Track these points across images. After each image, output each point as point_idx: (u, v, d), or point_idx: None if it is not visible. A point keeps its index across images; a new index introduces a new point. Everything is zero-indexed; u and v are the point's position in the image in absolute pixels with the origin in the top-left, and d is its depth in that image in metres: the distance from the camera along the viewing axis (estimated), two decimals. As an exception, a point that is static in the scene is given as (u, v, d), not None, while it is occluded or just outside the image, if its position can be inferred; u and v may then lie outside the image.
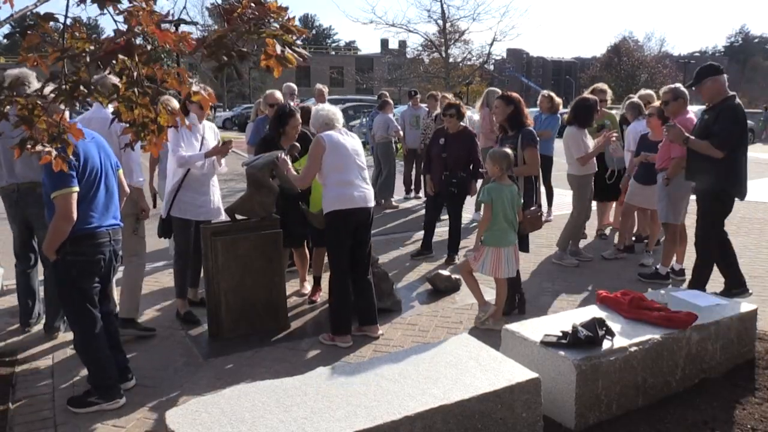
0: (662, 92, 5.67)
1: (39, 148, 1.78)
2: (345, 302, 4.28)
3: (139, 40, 1.77)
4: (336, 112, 4.43)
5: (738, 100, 4.82)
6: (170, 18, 1.80)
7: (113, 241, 3.44)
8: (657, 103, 6.17)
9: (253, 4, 1.82)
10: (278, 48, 1.83)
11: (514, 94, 5.27)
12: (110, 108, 1.94)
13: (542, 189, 7.41)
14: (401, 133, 9.96)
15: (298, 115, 5.02)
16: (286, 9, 1.90)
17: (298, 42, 1.94)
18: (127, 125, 1.92)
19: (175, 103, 4.35)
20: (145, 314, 4.86)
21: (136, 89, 1.83)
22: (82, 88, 1.72)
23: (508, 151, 4.50)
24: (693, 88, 5.05)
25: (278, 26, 1.87)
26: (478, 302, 4.60)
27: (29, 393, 3.62)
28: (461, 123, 6.33)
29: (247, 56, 1.84)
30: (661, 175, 5.48)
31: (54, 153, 1.81)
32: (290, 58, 1.88)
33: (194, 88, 1.95)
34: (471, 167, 6.28)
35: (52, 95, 1.74)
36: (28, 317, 4.57)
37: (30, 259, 4.53)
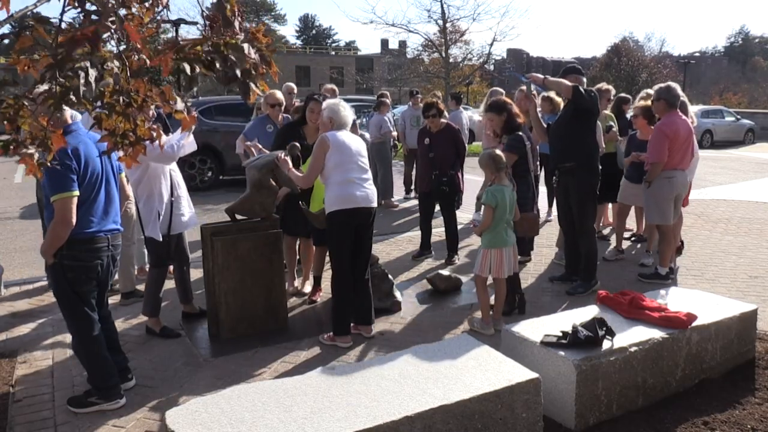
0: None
1: (23, 150, 1.71)
2: (346, 302, 4.28)
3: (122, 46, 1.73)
4: (352, 116, 4.46)
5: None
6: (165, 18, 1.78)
7: (112, 247, 3.41)
8: (642, 103, 6.22)
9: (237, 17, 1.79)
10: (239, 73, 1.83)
11: (503, 100, 5.20)
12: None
13: (543, 189, 7.43)
14: (394, 134, 9.93)
15: (322, 102, 4.91)
16: (268, 38, 1.90)
17: (288, 44, 1.93)
18: (106, 133, 1.88)
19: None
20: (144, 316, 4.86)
21: (121, 98, 1.79)
22: (71, 96, 1.67)
23: (493, 152, 4.44)
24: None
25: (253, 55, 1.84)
26: (483, 318, 4.50)
27: (29, 393, 3.62)
28: (442, 120, 6.37)
29: (216, 70, 1.80)
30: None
31: (36, 156, 1.74)
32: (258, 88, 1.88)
33: (178, 105, 1.92)
34: (459, 159, 6.32)
35: (41, 98, 1.68)
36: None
37: None
